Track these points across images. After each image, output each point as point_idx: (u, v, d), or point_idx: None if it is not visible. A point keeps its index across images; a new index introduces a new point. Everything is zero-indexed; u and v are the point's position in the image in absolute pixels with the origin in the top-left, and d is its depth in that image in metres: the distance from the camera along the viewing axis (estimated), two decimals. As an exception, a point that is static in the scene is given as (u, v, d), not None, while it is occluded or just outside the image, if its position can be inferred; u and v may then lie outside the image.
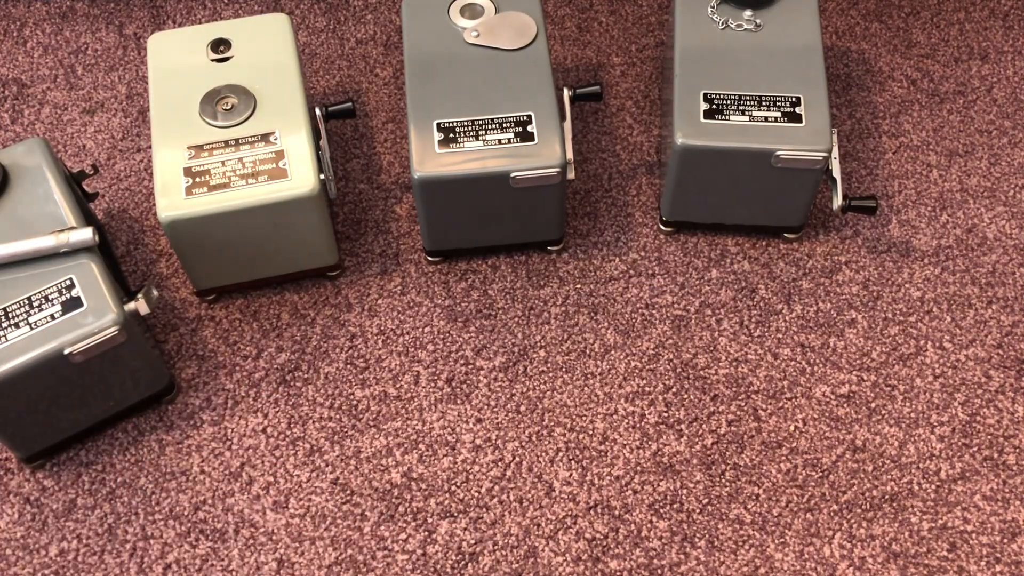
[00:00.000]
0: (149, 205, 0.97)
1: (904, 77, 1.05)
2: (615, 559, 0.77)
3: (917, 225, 0.95)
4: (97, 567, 0.78)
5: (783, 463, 0.81)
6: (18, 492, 0.81)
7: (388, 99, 1.04)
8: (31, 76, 1.07)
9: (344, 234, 0.95)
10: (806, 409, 0.84)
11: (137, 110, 1.04)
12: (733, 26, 0.91)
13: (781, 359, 0.87)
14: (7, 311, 0.75)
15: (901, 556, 0.77)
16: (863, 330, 0.88)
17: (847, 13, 1.10)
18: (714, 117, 0.86)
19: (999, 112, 1.02)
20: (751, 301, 0.90)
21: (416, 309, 0.90)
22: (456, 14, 0.92)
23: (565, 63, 1.07)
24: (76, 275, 0.76)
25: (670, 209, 0.92)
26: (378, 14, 1.11)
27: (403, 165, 0.99)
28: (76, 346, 0.74)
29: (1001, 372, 0.86)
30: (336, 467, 0.82)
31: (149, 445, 0.83)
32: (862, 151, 0.99)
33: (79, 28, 1.10)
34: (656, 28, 1.10)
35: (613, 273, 0.92)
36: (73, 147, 1.01)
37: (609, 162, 0.99)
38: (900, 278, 0.91)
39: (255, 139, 0.85)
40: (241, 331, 0.89)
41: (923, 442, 0.82)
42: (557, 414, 0.84)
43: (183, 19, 1.11)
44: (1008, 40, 1.08)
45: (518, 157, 0.84)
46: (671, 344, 0.88)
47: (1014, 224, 0.94)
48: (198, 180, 0.82)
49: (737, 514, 0.79)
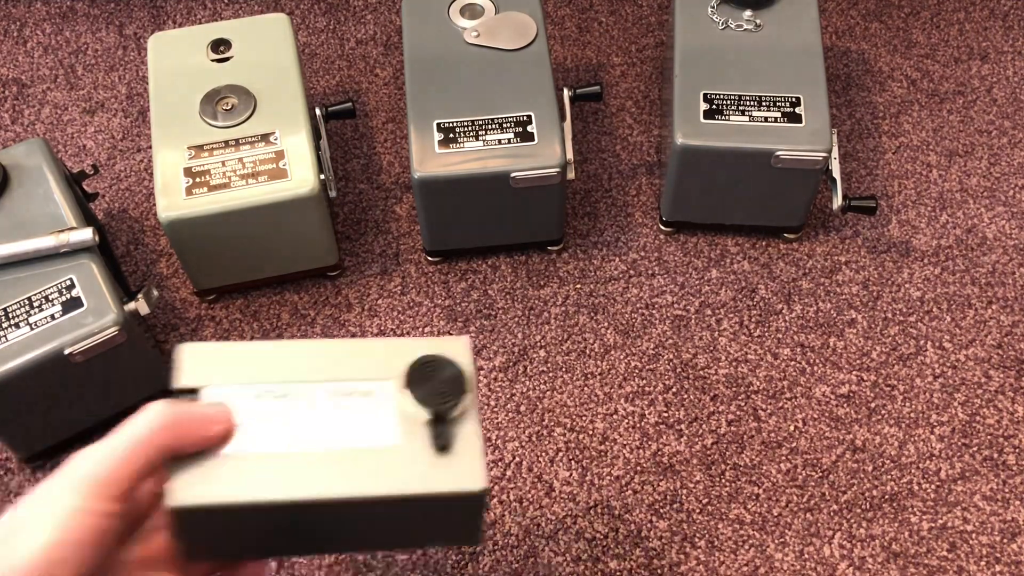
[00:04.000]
0: (149, 205, 0.97)
1: (904, 77, 1.05)
2: (615, 559, 0.77)
3: (917, 225, 0.95)
4: (97, 567, 0.78)
5: (783, 463, 0.82)
6: (18, 492, 0.81)
7: (388, 99, 1.04)
8: (31, 76, 1.07)
9: (344, 234, 0.95)
10: (806, 409, 0.84)
11: (137, 110, 1.04)
12: (733, 26, 0.91)
13: (781, 359, 0.87)
14: (7, 311, 0.75)
15: (901, 556, 0.77)
16: (863, 330, 0.88)
17: (847, 13, 1.10)
18: (714, 117, 0.86)
19: (999, 112, 1.02)
20: (751, 301, 0.90)
21: (416, 309, 0.90)
22: (456, 14, 0.93)
23: (565, 63, 1.07)
24: (76, 275, 0.76)
25: (670, 209, 0.92)
26: (378, 14, 1.11)
27: (403, 165, 0.99)
28: (76, 346, 0.74)
29: (1001, 372, 0.86)
30: (336, 467, 0.82)
31: (149, 445, 0.83)
32: (862, 151, 0.99)
33: (79, 28, 1.10)
34: (656, 28, 1.10)
35: (613, 273, 0.92)
36: (73, 147, 1.01)
37: (609, 162, 0.99)
38: (900, 278, 0.91)
39: (255, 139, 0.85)
40: (241, 331, 0.89)
41: (923, 442, 0.82)
42: (557, 414, 0.84)
43: (183, 19, 1.11)
44: (1008, 40, 1.08)
45: (518, 157, 0.84)
46: (671, 344, 0.88)
47: (1014, 224, 0.94)
48: (198, 180, 0.82)
49: (737, 514, 0.79)
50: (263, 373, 0.52)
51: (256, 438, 0.50)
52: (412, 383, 0.53)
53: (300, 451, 0.50)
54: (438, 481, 0.51)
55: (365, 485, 0.50)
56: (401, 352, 0.54)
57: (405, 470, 0.51)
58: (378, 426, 0.52)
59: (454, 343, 0.54)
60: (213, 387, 0.51)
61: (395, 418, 0.52)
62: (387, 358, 0.54)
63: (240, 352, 0.53)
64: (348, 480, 0.50)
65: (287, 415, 0.51)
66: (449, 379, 0.53)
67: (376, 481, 0.50)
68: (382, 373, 0.53)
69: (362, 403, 0.53)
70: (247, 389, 0.52)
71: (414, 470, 0.51)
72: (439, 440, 0.52)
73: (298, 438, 0.51)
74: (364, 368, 0.54)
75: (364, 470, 0.51)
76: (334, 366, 0.54)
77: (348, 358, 0.54)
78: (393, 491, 0.50)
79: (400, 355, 0.54)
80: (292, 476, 0.49)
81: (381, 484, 0.50)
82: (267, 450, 0.50)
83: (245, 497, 0.48)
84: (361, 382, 0.53)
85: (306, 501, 0.49)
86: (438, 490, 0.51)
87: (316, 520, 0.52)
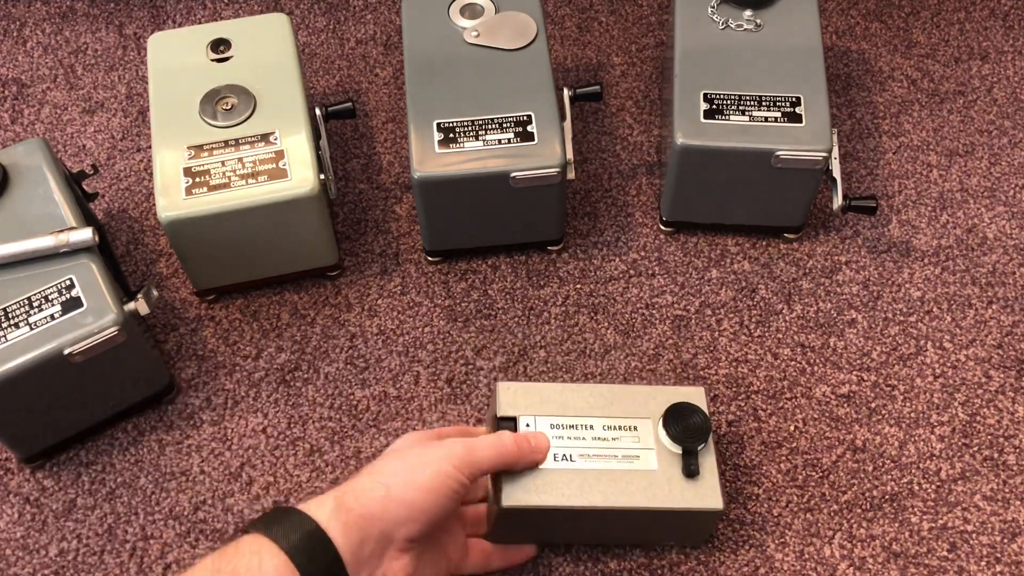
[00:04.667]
0: (149, 205, 0.97)
1: (904, 77, 1.05)
2: (615, 559, 0.77)
3: (917, 225, 0.95)
4: (97, 567, 0.78)
5: (783, 463, 0.81)
6: (18, 492, 0.81)
7: (388, 99, 1.04)
8: (31, 76, 1.07)
9: (344, 234, 0.95)
10: (806, 409, 0.84)
11: (137, 110, 1.04)
12: (733, 26, 0.91)
13: (781, 359, 0.87)
14: (7, 311, 0.75)
15: (901, 556, 0.77)
16: (863, 330, 0.88)
17: (847, 13, 1.10)
18: (714, 117, 0.86)
19: (999, 112, 1.02)
20: (751, 301, 0.90)
21: (416, 309, 0.90)
22: (456, 14, 0.92)
23: (565, 63, 1.07)
24: (76, 275, 0.76)
25: (670, 209, 0.92)
26: (378, 14, 1.11)
27: (403, 165, 0.99)
28: (76, 346, 0.74)
29: (1001, 372, 0.86)
30: (336, 467, 0.82)
31: (149, 445, 0.83)
32: (862, 151, 0.99)
33: (79, 28, 1.10)
34: (656, 28, 1.10)
35: (613, 273, 0.92)
36: (73, 147, 1.01)
37: (609, 162, 0.99)
38: (900, 278, 0.91)
39: (255, 139, 0.85)
40: (241, 331, 0.89)
41: (923, 442, 0.82)
42: (557, 414, 0.84)
43: (183, 19, 1.11)
44: (1008, 40, 1.08)
45: (518, 157, 0.84)
46: (671, 344, 0.88)
47: (1014, 224, 0.94)
48: (198, 180, 0.82)
49: (737, 514, 0.79)
50: (557, 408, 0.73)
51: (555, 459, 0.71)
52: (667, 423, 0.73)
53: (587, 469, 0.71)
54: (689, 500, 0.71)
55: (635, 499, 0.70)
56: (657, 396, 0.74)
57: (664, 490, 0.71)
58: (642, 454, 0.72)
59: (695, 392, 0.75)
60: (524, 416, 0.72)
61: (654, 449, 0.72)
62: (646, 401, 0.74)
63: (539, 390, 0.74)
64: (622, 494, 0.70)
65: (576, 442, 0.72)
66: (696, 424, 0.72)
67: (643, 496, 0.70)
68: (643, 413, 0.74)
69: (629, 435, 0.73)
70: (546, 420, 0.72)
71: (671, 490, 0.71)
72: (688, 469, 0.71)
73: (585, 460, 0.71)
74: (629, 408, 0.74)
75: (635, 488, 0.70)
76: (608, 405, 0.74)
77: (618, 399, 0.74)
78: (655, 505, 0.70)
79: (656, 399, 0.74)
80: (582, 489, 0.70)
81: (647, 499, 0.70)
82: (564, 467, 0.70)
83: (551, 503, 0.69)
84: (628, 419, 0.73)
85: (591, 508, 0.70)
86: (688, 506, 0.71)
87: (592, 519, 0.72)
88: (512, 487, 0.69)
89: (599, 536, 0.76)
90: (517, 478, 0.70)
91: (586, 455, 0.71)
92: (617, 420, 0.73)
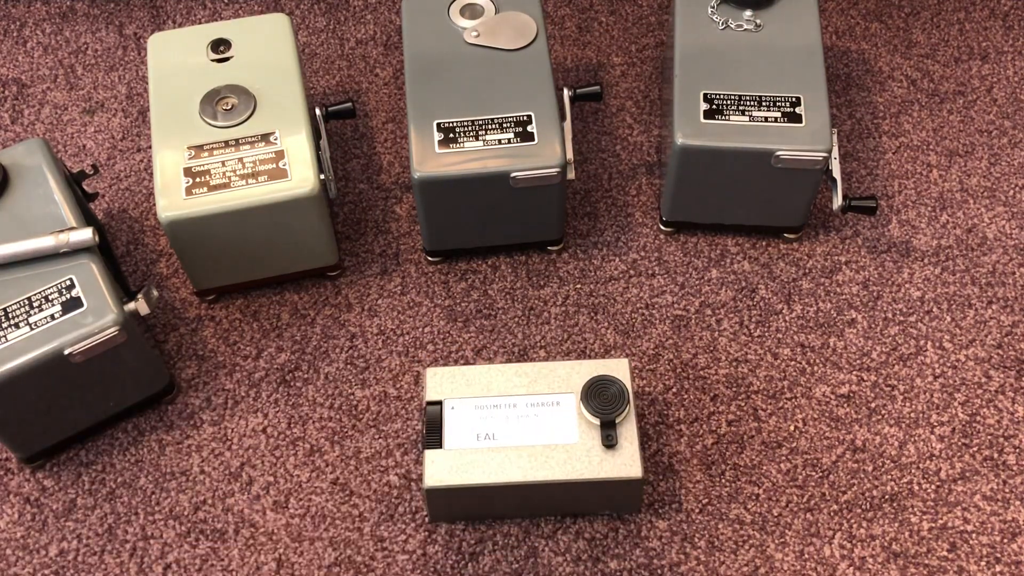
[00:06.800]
0: (149, 205, 0.97)
1: (904, 77, 1.05)
2: (615, 559, 0.77)
3: (917, 225, 0.95)
4: (97, 567, 0.78)
5: (783, 463, 0.82)
6: (18, 492, 0.81)
7: (388, 99, 1.04)
8: (31, 76, 1.07)
9: (344, 234, 0.95)
10: (806, 409, 0.84)
11: (137, 110, 1.04)
12: (733, 26, 0.91)
13: (781, 359, 0.87)
14: (7, 311, 0.75)
15: (901, 556, 0.77)
16: (863, 330, 0.88)
17: (847, 13, 1.10)
18: (714, 117, 0.86)
19: (999, 112, 1.02)
20: (751, 301, 0.90)
21: (416, 309, 0.90)
22: (456, 14, 0.92)
23: (565, 63, 1.07)
24: (76, 275, 0.76)
25: (670, 209, 0.92)
26: (378, 14, 1.11)
27: (403, 165, 0.99)
28: (76, 346, 0.74)
29: (1001, 372, 0.86)
30: (336, 467, 0.82)
31: (149, 445, 0.83)
32: (862, 151, 0.99)
33: (79, 28, 1.10)
34: (656, 28, 1.10)
35: (613, 273, 0.92)
36: (73, 147, 1.01)
37: (609, 162, 0.99)
38: (900, 278, 0.91)
39: (255, 139, 0.85)
40: (241, 331, 0.89)
41: (923, 442, 0.82)
42: (557, 414, 0.84)
43: (183, 19, 1.11)
44: (1008, 40, 1.08)
45: (518, 157, 0.84)
46: (671, 344, 0.88)
47: (1014, 224, 0.94)
48: (198, 180, 0.82)
49: (737, 514, 0.79)
50: (481, 389, 0.76)
51: (478, 438, 0.74)
52: (587, 397, 0.75)
53: (508, 447, 0.74)
54: (607, 470, 0.73)
55: (554, 472, 0.73)
56: (580, 371, 0.76)
57: (583, 462, 0.73)
58: (563, 429, 0.75)
59: (618, 364, 0.77)
60: (449, 399, 0.76)
61: (575, 423, 0.75)
62: (569, 376, 0.77)
63: (464, 373, 0.77)
64: (542, 469, 0.73)
65: (499, 421, 0.75)
66: (615, 394, 0.75)
67: (561, 469, 0.73)
68: (565, 388, 0.76)
69: (551, 411, 0.75)
70: (471, 401, 0.76)
71: (590, 462, 0.73)
72: (607, 440, 0.74)
73: (507, 437, 0.74)
74: (553, 384, 0.76)
75: (555, 461, 0.73)
76: (532, 383, 0.77)
77: (543, 376, 0.77)
78: (573, 477, 0.73)
79: (579, 373, 0.76)
80: (503, 466, 0.73)
81: (565, 471, 0.73)
82: (486, 446, 0.74)
83: (472, 481, 0.72)
84: (552, 395, 0.76)
85: (512, 484, 0.73)
86: (607, 476, 0.73)
87: (519, 494, 0.74)
88: (434, 468, 0.73)
89: (533, 509, 0.78)
90: (441, 460, 0.73)
91: (508, 433, 0.74)
92: (541, 397, 0.76)
